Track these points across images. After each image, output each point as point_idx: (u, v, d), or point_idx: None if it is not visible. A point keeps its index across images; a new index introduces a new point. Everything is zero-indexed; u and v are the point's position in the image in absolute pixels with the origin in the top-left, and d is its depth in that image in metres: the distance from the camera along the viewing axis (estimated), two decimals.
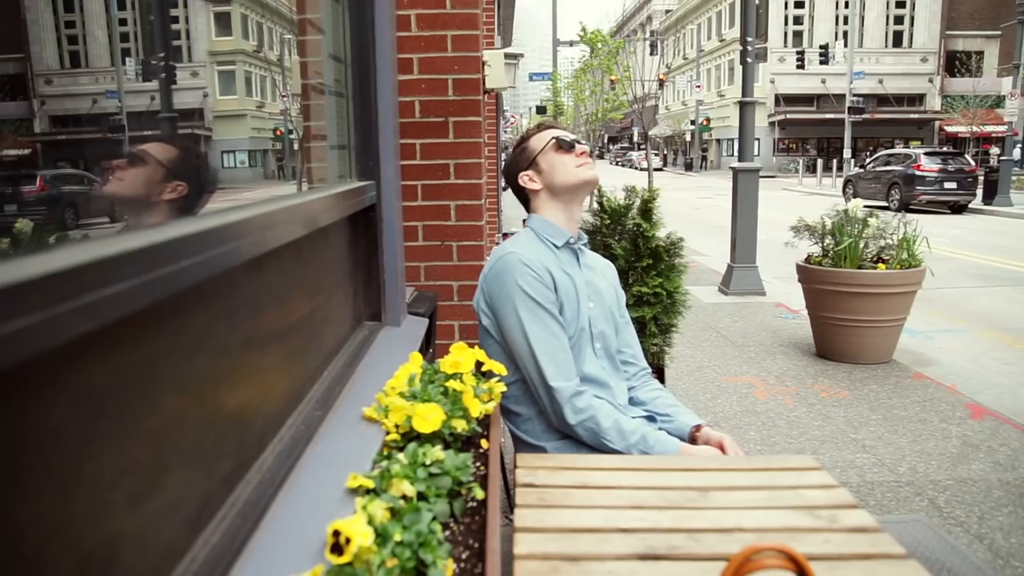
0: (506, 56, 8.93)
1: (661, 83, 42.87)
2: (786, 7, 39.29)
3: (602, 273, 2.00)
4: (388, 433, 1.40)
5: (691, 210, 19.55)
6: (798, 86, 38.10)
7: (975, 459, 3.43)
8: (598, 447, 1.73)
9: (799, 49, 33.97)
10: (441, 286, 2.79)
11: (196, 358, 0.96)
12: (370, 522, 1.02)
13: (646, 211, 2.60)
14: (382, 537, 1.03)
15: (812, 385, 4.58)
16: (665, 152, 54.34)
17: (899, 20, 39.40)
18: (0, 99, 1.56)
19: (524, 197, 2.00)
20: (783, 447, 3.62)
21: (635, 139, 58.91)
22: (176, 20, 1.86)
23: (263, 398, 1.22)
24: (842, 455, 3.50)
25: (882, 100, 37.65)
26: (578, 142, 1.95)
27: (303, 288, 1.47)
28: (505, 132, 36.18)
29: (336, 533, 0.93)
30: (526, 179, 1.95)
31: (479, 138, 2.76)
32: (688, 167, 45.57)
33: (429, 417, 1.36)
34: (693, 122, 43.26)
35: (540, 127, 2.05)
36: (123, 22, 1.48)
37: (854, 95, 28.69)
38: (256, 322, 1.20)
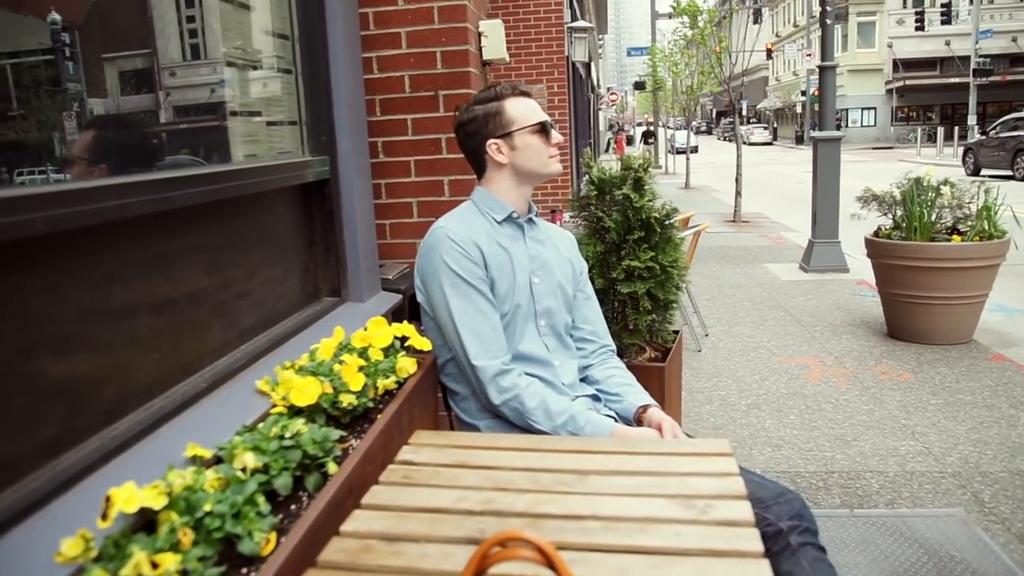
0: (575, 30, 8.79)
1: (769, 53, 40.92)
2: None
3: (554, 246, 1.91)
4: (275, 405, 1.40)
5: (793, 184, 18.65)
6: (919, 49, 35.38)
7: None
8: (526, 428, 1.66)
9: (919, 9, 31.49)
10: None
11: None
12: (172, 491, 1.01)
13: (638, 182, 2.46)
14: (190, 507, 1.02)
15: (873, 367, 4.27)
16: (775, 125, 52.02)
17: None
18: (128, 92, 1.66)
19: (480, 161, 1.85)
20: (822, 432, 3.39)
21: (744, 112, 56.72)
22: None
23: (121, 369, 1.22)
24: (886, 442, 3.24)
25: (1016, 60, 34.41)
26: (555, 128, 1.84)
27: (197, 261, 1.47)
28: (600, 108, 35.57)
29: (108, 499, 0.93)
30: (494, 148, 1.79)
31: None
32: (799, 140, 43.40)
33: (306, 391, 1.35)
34: (804, 93, 41.12)
35: (515, 91, 1.86)
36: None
37: (981, 56, 26.35)
38: (106, 294, 1.21)
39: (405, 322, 1.72)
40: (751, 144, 43.57)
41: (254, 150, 1.88)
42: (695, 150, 34.61)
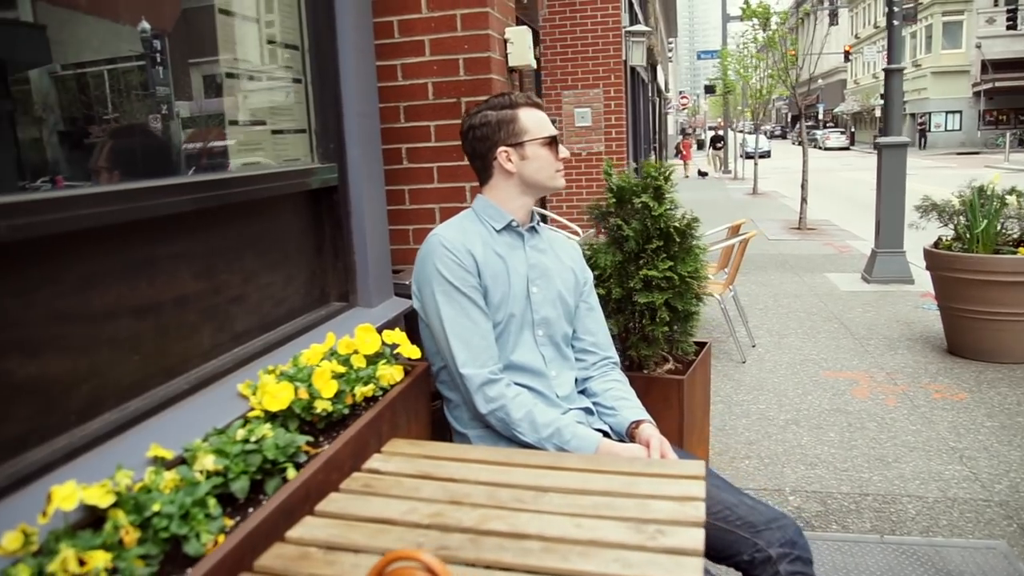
0: (632, 34, 8.70)
1: (847, 55, 39.54)
2: None
3: (556, 255, 1.88)
4: (253, 409, 1.42)
5: (867, 191, 17.97)
6: (1010, 49, 33.49)
7: None
8: (512, 439, 1.64)
9: (1011, 7, 29.88)
10: None
11: None
12: (119, 490, 1.04)
13: (657, 190, 2.41)
14: (138, 506, 1.05)
15: (927, 384, 4.06)
16: (853, 129, 50.25)
17: None
18: (208, 96, 1.76)
19: (486, 167, 1.82)
20: (861, 451, 3.24)
21: (820, 116, 54.98)
22: None
23: (93, 371, 1.27)
24: (929, 465, 3.08)
25: None
26: (562, 144, 1.83)
27: (190, 266, 1.51)
28: (668, 112, 35.04)
29: (49, 496, 0.96)
30: (504, 156, 1.78)
31: None
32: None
33: (278, 396, 1.37)
34: (884, 96, 39.58)
35: (529, 101, 1.84)
36: None
37: None
38: (88, 296, 1.26)
39: (397, 329, 1.73)
40: (826, 149, 42.22)
41: (260, 158, 1.93)
42: (766, 155, 33.77)
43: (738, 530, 1.57)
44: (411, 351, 1.69)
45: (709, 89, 32.77)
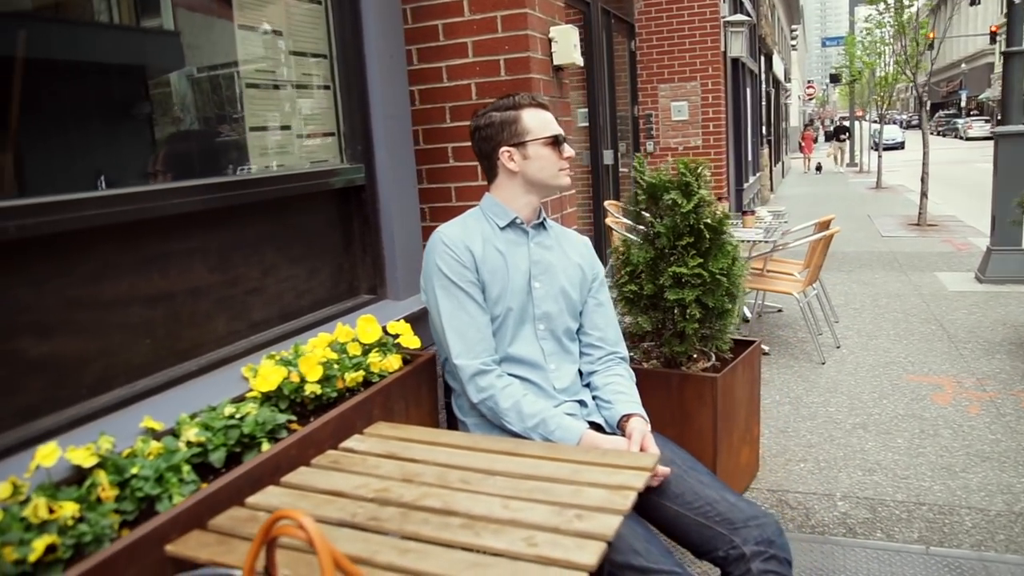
0: (731, 24, 8.46)
1: (993, 36, 36.43)
2: None
3: (563, 252, 1.93)
4: (251, 390, 1.57)
5: None
6: None
7: None
8: (502, 428, 1.72)
9: None
10: None
11: None
12: (101, 453, 1.20)
13: (686, 187, 2.40)
14: (118, 468, 1.21)
15: (1020, 392, 3.78)
16: (999, 117, 46.24)
17: None
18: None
19: (491, 166, 1.90)
20: (928, 459, 3.08)
21: (963, 104, 51.01)
22: None
23: (103, 353, 1.45)
24: (999, 477, 2.89)
25: None
26: (567, 142, 1.88)
27: (207, 260, 1.68)
28: (787, 103, 33.60)
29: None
30: (506, 156, 1.85)
31: None
32: None
33: (269, 378, 1.51)
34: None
35: (534, 101, 1.89)
36: None
37: None
38: (96, 289, 1.44)
39: (401, 321, 1.84)
40: (968, 139, 39.14)
41: (291, 160, 2.09)
42: (899, 146, 31.73)
43: (717, 526, 1.58)
44: (411, 341, 1.80)
45: (834, 78, 31.19)
